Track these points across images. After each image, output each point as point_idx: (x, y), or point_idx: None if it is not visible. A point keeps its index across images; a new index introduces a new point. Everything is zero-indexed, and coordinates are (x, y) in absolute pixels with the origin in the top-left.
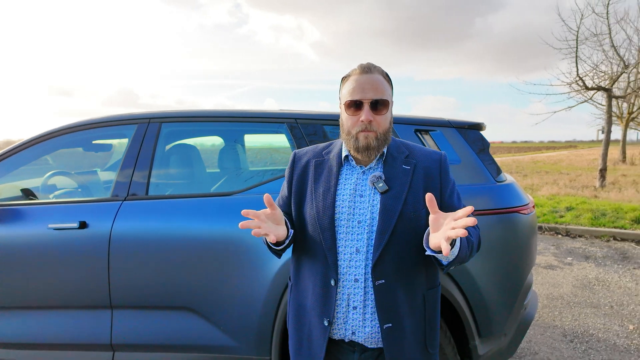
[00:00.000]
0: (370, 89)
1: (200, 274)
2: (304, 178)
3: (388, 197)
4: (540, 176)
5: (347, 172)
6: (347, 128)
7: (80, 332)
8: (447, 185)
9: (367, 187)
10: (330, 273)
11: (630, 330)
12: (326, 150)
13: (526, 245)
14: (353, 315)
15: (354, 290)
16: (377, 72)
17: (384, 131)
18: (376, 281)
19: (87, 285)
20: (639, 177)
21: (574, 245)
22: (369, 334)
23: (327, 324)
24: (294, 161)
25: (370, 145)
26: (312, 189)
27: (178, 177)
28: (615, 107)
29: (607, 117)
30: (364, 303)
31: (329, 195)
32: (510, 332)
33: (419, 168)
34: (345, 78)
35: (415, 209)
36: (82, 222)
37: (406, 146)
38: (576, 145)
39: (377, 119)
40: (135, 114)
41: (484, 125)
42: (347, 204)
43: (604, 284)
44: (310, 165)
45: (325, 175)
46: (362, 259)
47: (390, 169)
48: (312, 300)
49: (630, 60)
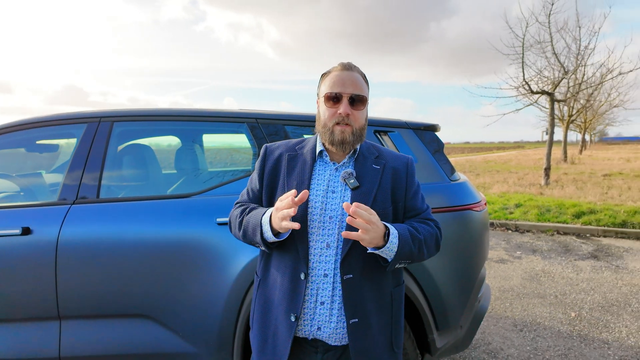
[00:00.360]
0: (350, 84)
1: (156, 280)
2: (276, 171)
3: (358, 194)
4: (491, 175)
5: (320, 167)
6: (323, 120)
7: (24, 346)
8: (411, 187)
9: (339, 184)
10: (300, 267)
11: (572, 318)
12: (299, 145)
13: (479, 241)
14: (320, 311)
15: (322, 285)
16: (357, 71)
17: (360, 127)
18: (344, 275)
19: (32, 296)
20: (578, 175)
21: (523, 239)
22: (334, 330)
23: (294, 319)
24: (266, 154)
25: (345, 139)
26: (285, 182)
27: (132, 178)
28: (557, 110)
29: (550, 119)
30: (331, 299)
31: (302, 189)
32: (466, 325)
33: (387, 168)
34: (325, 74)
35: (384, 207)
36: (25, 228)
37: (376, 148)
38: (524, 145)
39: (355, 113)
40: (84, 112)
41: (438, 126)
42: (320, 199)
43: (549, 275)
44: (283, 159)
45: (299, 169)
46: (332, 254)
47: (361, 167)
48: (280, 295)
49: (570, 66)
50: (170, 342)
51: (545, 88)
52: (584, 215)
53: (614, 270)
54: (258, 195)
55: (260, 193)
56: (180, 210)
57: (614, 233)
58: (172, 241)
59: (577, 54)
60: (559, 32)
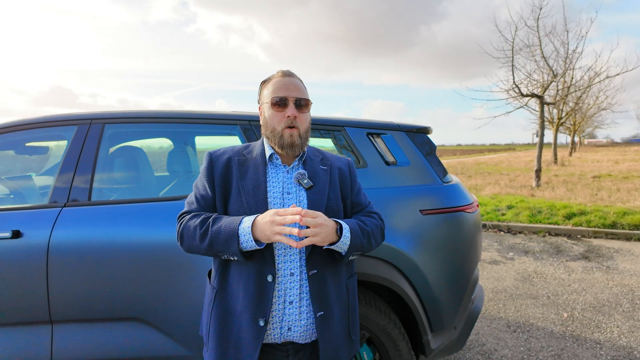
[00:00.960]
0: (294, 89)
1: (149, 283)
2: (227, 176)
3: (313, 193)
4: (483, 177)
5: (272, 171)
6: (271, 125)
7: (16, 351)
8: (355, 184)
9: (292, 185)
10: (266, 269)
11: (564, 318)
12: (246, 150)
13: (472, 242)
14: (289, 310)
15: (290, 284)
16: (297, 77)
17: (306, 130)
18: (310, 271)
19: (23, 300)
20: (568, 177)
21: (515, 241)
22: (304, 327)
23: (263, 323)
24: (212, 160)
25: (294, 142)
26: (239, 186)
27: (123, 181)
28: (547, 112)
29: (540, 122)
30: (299, 296)
31: (260, 192)
32: (460, 326)
33: (334, 168)
34: (265, 82)
35: (336, 203)
36: (15, 232)
37: (318, 151)
38: (515, 147)
39: (301, 116)
40: (75, 114)
41: (430, 129)
42: (278, 201)
43: (542, 276)
44: (232, 163)
45: (252, 173)
46: (296, 252)
47: (310, 168)
48: (245, 303)
49: (558, 70)
50: (164, 346)
51: (534, 91)
52: (574, 217)
53: (604, 271)
54: (211, 202)
55: (213, 200)
56: (173, 212)
57: (604, 234)
58: (164, 244)
59: (566, 58)
60: (548, 36)
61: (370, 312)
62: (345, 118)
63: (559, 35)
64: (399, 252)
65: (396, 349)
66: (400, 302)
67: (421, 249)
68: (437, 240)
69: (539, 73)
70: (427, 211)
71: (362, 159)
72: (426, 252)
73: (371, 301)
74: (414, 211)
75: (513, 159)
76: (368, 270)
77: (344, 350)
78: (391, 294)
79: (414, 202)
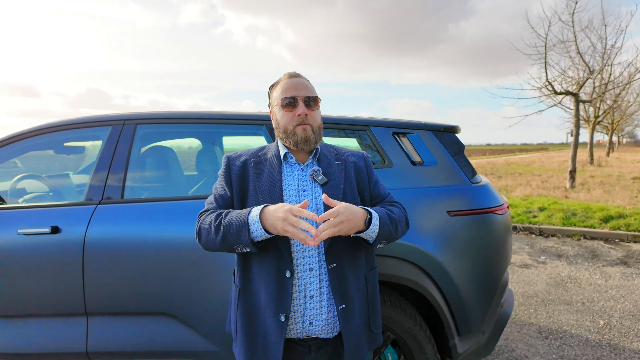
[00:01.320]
0: (302, 88)
1: (179, 279)
2: (244, 177)
3: (328, 189)
4: (513, 178)
5: (287, 169)
6: (283, 126)
7: (53, 341)
8: (372, 177)
9: (307, 182)
10: (284, 265)
11: (601, 326)
12: (262, 151)
13: (501, 245)
14: (310, 305)
15: (309, 279)
16: (303, 77)
17: (318, 126)
18: (330, 265)
19: (61, 292)
20: (605, 178)
21: (547, 244)
22: (326, 321)
23: (284, 319)
24: (229, 162)
25: (308, 137)
26: (256, 185)
27: (154, 180)
28: (582, 111)
29: (575, 120)
30: (319, 291)
31: (276, 191)
32: (488, 330)
33: (348, 163)
34: (273, 85)
35: (353, 197)
36: (54, 227)
37: (332, 147)
38: (547, 147)
39: (311, 113)
40: (109, 115)
41: (459, 128)
42: (294, 199)
43: (576, 281)
44: (249, 164)
45: (267, 172)
46: (314, 248)
47: (325, 164)
48: (266, 298)
49: (595, 66)
50: (192, 341)
51: (569, 88)
52: (612, 220)
53: None
54: (229, 201)
55: (231, 200)
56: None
57: None
58: (193, 241)
59: (603, 53)
60: (584, 31)
61: (395, 313)
62: (370, 117)
63: (596, 30)
64: (425, 253)
65: (422, 352)
66: (426, 305)
67: (448, 250)
68: (465, 242)
69: (574, 70)
70: (454, 212)
71: (388, 158)
72: (453, 254)
73: (396, 302)
74: (441, 212)
75: (545, 159)
76: (393, 272)
77: (365, 343)
78: (417, 296)
79: (441, 203)
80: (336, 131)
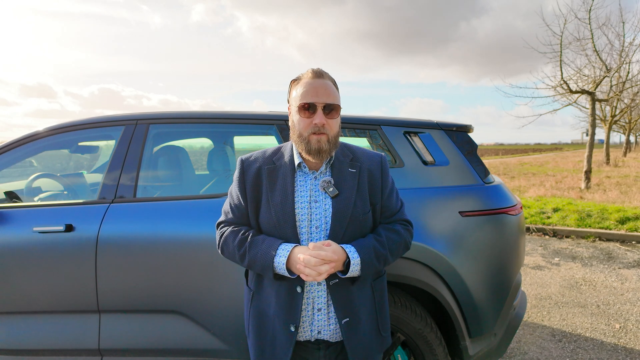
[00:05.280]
0: (323, 93)
1: (190, 277)
2: (257, 186)
3: (339, 202)
4: (527, 178)
5: (300, 178)
6: (299, 130)
7: (66, 337)
8: (386, 185)
9: (319, 193)
10: (295, 281)
11: (616, 329)
12: (276, 155)
13: (514, 246)
14: (318, 317)
15: (317, 293)
16: (328, 78)
17: (335, 135)
18: (330, 281)
19: (74, 289)
20: (622, 179)
21: (561, 245)
22: (334, 330)
23: (294, 329)
24: (244, 168)
25: (322, 148)
26: (269, 197)
27: (166, 179)
28: (598, 110)
29: (591, 120)
30: (327, 304)
31: (288, 204)
32: (500, 332)
33: (363, 170)
34: (295, 81)
35: (363, 212)
36: (68, 225)
37: (349, 149)
38: (561, 147)
39: (330, 122)
40: (122, 115)
41: (471, 127)
42: (305, 211)
43: (591, 283)
44: (262, 172)
45: (281, 183)
46: None
47: (338, 173)
48: (276, 308)
49: (612, 64)
50: (203, 339)
51: (585, 87)
52: (629, 221)
53: None
54: (244, 212)
55: (246, 210)
56: (213, 210)
57: None
58: (204, 240)
59: (621, 51)
60: (600, 28)
61: (405, 314)
62: (381, 116)
63: (613, 27)
64: (436, 254)
65: (432, 354)
66: (437, 306)
67: (460, 251)
68: (477, 243)
69: (590, 68)
70: (467, 213)
71: (399, 158)
72: (465, 255)
73: (407, 304)
74: (452, 212)
75: (560, 159)
76: (404, 272)
77: (373, 347)
78: (428, 297)
79: (452, 203)
80: (347, 130)
